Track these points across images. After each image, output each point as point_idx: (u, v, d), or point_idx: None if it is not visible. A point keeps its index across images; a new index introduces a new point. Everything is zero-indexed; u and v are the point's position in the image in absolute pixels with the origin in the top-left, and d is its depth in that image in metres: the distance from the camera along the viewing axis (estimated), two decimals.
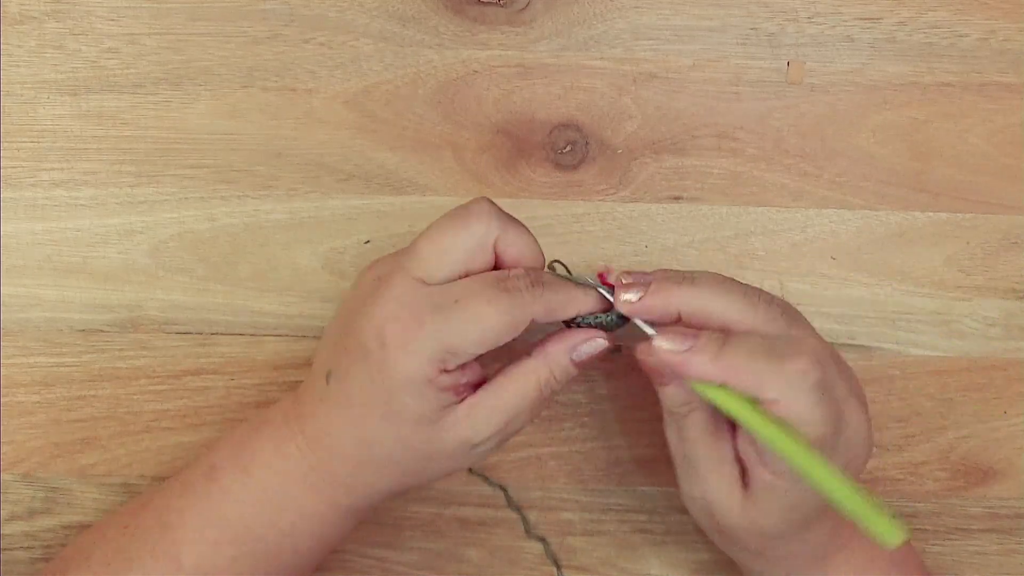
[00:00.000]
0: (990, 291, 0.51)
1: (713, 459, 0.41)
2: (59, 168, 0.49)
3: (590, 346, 0.41)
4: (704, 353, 0.39)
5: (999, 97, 0.51)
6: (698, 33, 0.50)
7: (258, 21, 0.49)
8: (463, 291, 0.39)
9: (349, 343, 0.40)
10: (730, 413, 0.39)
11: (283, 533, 0.42)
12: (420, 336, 0.38)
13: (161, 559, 0.41)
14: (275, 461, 0.42)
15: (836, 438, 0.39)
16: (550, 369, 0.41)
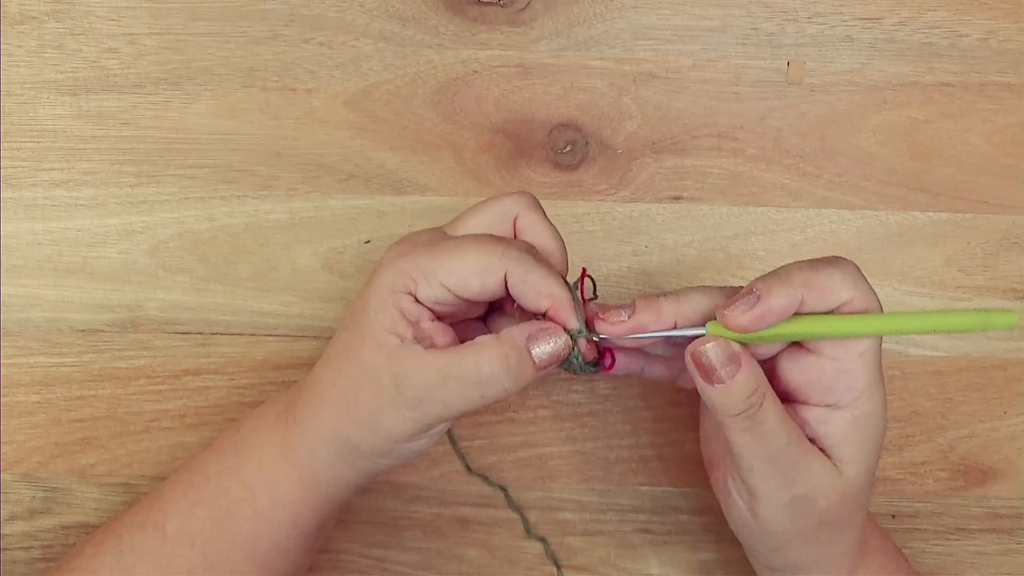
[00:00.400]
0: (990, 291, 0.51)
1: (801, 437, 0.40)
2: (59, 168, 0.49)
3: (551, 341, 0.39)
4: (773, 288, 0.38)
5: (999, 97, 0.51)
6: (698, 33, 0.50)
7: (258, 21, 0.49)
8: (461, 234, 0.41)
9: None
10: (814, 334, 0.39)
11: (243, 485, 0.42)
12: (404, 257, 0.40)
13: (149, 528, 0.42)
14: (261, 411, 0.43)
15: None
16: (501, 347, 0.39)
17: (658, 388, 0.50)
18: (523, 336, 0.39)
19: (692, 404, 0.51)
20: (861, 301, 0.39)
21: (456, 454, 0.50)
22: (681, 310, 0.40)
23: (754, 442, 0.39)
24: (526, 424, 0.50)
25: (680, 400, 0.51)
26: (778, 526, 0.41)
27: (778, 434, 0.39)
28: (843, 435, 0.40)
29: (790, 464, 0.39)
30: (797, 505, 0.40)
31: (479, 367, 0.39)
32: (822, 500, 0.40)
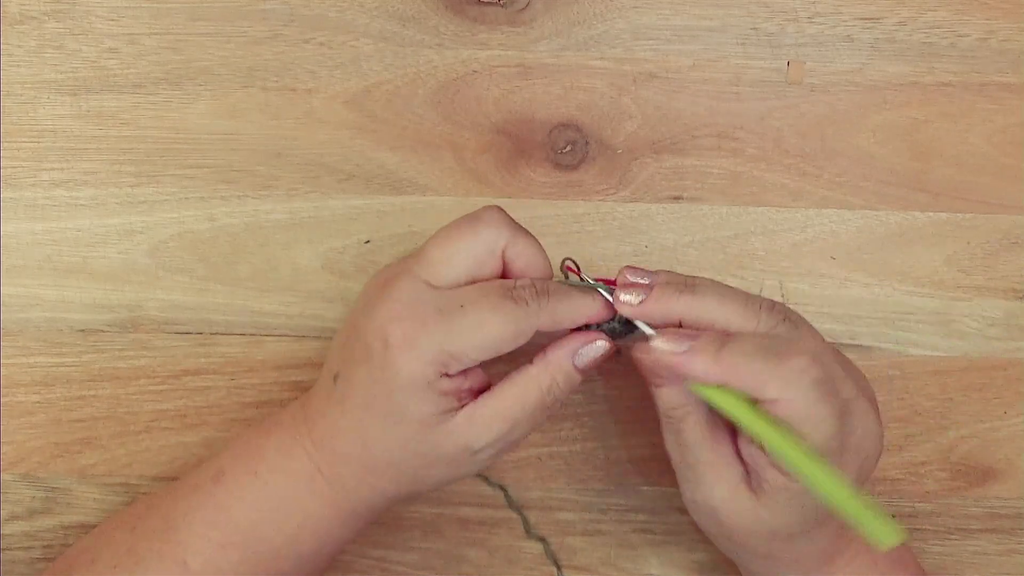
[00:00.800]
0: (990, 291, 0.51)
1: (714, 462, 0.41)
2: (59, 168, 0.49)
3: (592, 349, 0.41)
4: (703, 353, 0.39)
5: (999, 97, 0.51)
6: (698, 33, 0.50)
7: (258, 21, 0.49)
8: (469, 297, 0.40)
9: (355, 344, 0.41)
10: (729, 414, 0.39)
11: (287, 536, 0.42)
12: (422, 338, 0.39)
13: (167, 561, 0.41)
14: (282, 463, 0.42)
15: (843, 437, 0.39)
16: (552, 376, 0.41)
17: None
18: (569, 359, 0.41)
19: None
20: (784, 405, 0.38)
21: None
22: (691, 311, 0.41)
23: (672, 443, 0.42)
24: None
25: None
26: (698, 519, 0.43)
27: (693, 448, 0.41)
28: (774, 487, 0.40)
29: (697, 475, 0.41)
30: (703, 509, 0.42)
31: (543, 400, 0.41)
32: (726, 519, 0.41)
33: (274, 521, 0.42)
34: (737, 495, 0.41)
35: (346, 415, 0.41)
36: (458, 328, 0.39)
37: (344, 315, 0.50)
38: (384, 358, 0.39)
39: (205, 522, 0.42)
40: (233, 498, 0.42)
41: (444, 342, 0.38)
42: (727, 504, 0.41)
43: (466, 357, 0.39)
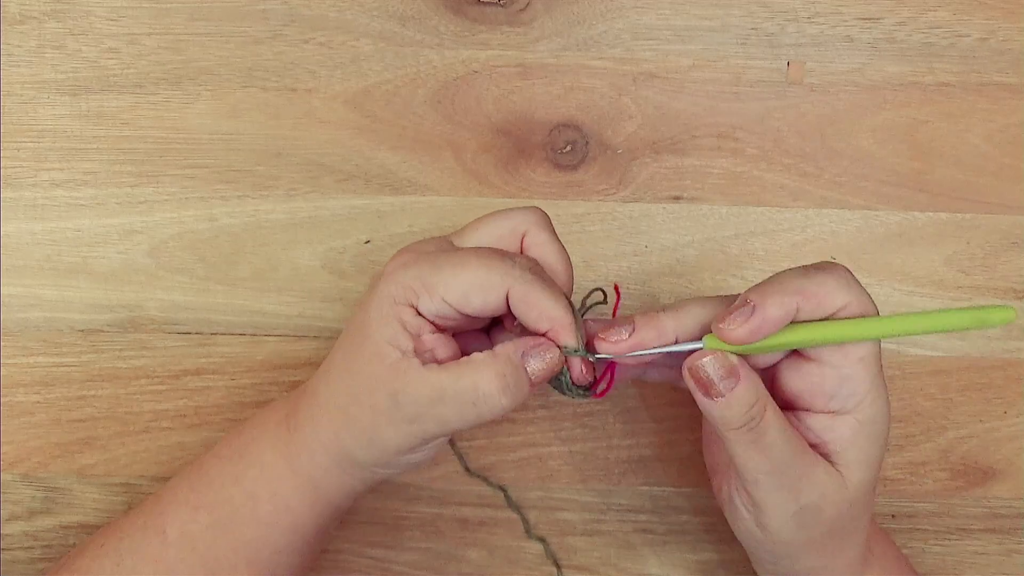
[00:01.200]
0: (990, 291, 0.51)
1: (805, 449, 0.39)
2: (59, 168, 0.49)
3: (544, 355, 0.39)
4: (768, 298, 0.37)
5: (999, 97, 0.51)
6: (698, 33, 0.50)
7: (258, 21, 0.49)
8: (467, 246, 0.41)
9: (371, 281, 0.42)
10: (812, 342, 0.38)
11: (245, 492, 0.41)
12: (410, 266, 0.39)
13: (149, 532, 0.42)
14: (262, 416, 0.43)
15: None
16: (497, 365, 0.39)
17: (657, 388, 0.50)
18: (518, 353, 0.39)
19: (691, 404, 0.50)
20: (856, 306, 0.38)
21: (455, 454, 0.50)
22: (681, 324, 0.39)
23: (757, 455, 0.38)
24: (526, 424, 0.50)
25: (679, 400, 0.51)
26: (786, 536, 0.40)
27: (781, 446, 0.38)
28: (848, 441, 0.39)
29: (795, 476, 0.39)
30: (804, 515, 0.40)
31: (476, 385, 0.38)
32: (829, 509, 0.40)
33: (236, 474, 0.42)
34: (830, 474, 0.39)
35: (328, 359, 0.42)
36: (442, 261, 0.39)
37: (344, 315, 0.50)
38: (375, 282, 0.40)
39: (187, 487, 0.42)
40: (213, 458, 0.43)
41: (422, 272, 0.39)
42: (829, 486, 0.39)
43: (435, 291, 0.38)
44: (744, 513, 0.41)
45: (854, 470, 0.40)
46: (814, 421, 0.40)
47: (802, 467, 0.39)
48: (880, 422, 0.40)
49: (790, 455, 0.38)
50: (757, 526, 0.41)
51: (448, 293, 0.39)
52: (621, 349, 0.39)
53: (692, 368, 0.38)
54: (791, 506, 0.39)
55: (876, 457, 0.40)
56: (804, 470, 0.39)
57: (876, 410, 0.39)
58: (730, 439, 0.38)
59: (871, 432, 0.40)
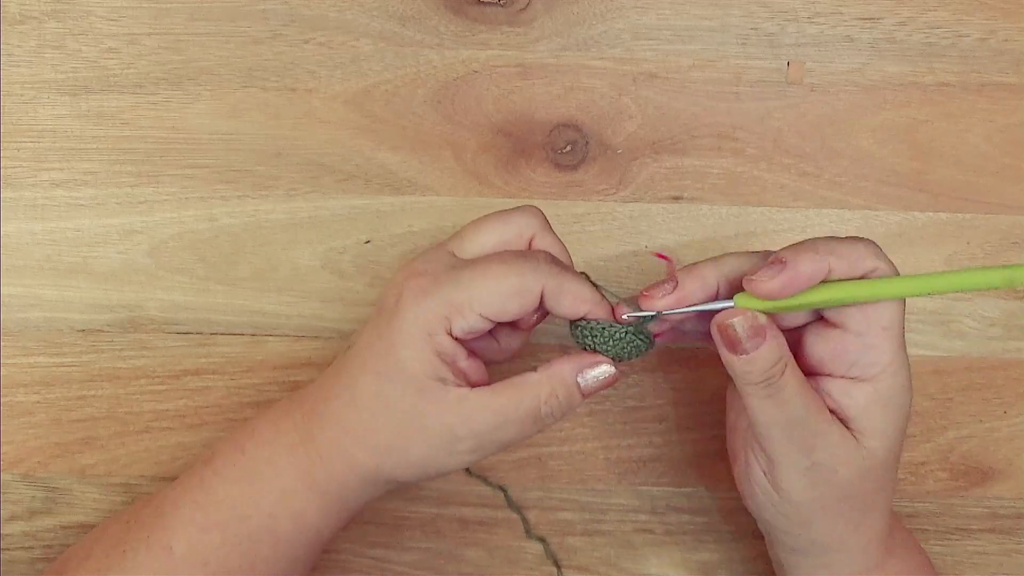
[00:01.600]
0: (990, 291, 0.51)
1: (821, 407, 0.40)
2: (59, 168, 0.49)
3: (598, 371, 0.41)
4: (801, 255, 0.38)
5: (999, 97, 0.51)
6: (698, 33, 0.50)
7: (258, 21, 0.49)
8: (483, 256, 0.41)
9: (375, 307, 0.41)
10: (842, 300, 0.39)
11: (264, 514, 0.41)
12: (432, 290, 0.39)
13: (155, 548, 0.41)
14: (269, 436, 0.42)
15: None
16: (553, 386, 0.40)
17: (658, 389, 0.50)
18: (573, 374, 0.40)
19: (691, 404, 0.51)
20: (885, 271, 0.39)
21: None
22: (722, 272, 0.40)
23: (773, 409, 0.39)
24: None
25: (680, 400, 0.51)
26: (798, 494, 0.41)
27: (796, 402, 0.39)
28: (864, 407, 0.40)
29: (808, 432, 0.40)
30: (816, 472, 0.40)
31: (538, 408, 0.40)
32: (841, 469, 0.40)
33: (252, 497, 0.41)
34: (845, 437, 0.40)
35: (343, 376, 0.41)
36: (466, 278, 0.39)
37: (344, 315, 0.50)
38: (394, 311, 0.39)
39: (191, 505, 0.42)
40: (219, 478, 0.42)
41: (450, 294, 0.39)
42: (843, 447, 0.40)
43: (469, 308, 0.38)
44: (759, 474, 0.42)
45: (869, 437, 0.40)
46: (834, 386, 0.40)
47: (815, 425, 0.40)
48: (899, 394, 0.40)
49: (804, 412, 0.39)
50: (771, 486, 0.41)
51: (484, 307, 0.39)
52: (668, 303, 0.40)
53: (721, 325, 0.39)
54: (803, 461, 0.40)
55: (893, 427, 0.41)
56: (817, 428, 0.40)
57: (896, 381, 0.40)
58: (749, 392, 0.39)
59: (889, 402, 0.40)
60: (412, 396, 0.39)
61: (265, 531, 0.41)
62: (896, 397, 0.40)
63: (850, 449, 0.40)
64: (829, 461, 0.40)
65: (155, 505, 0.43)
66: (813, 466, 0.40)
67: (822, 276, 0.38)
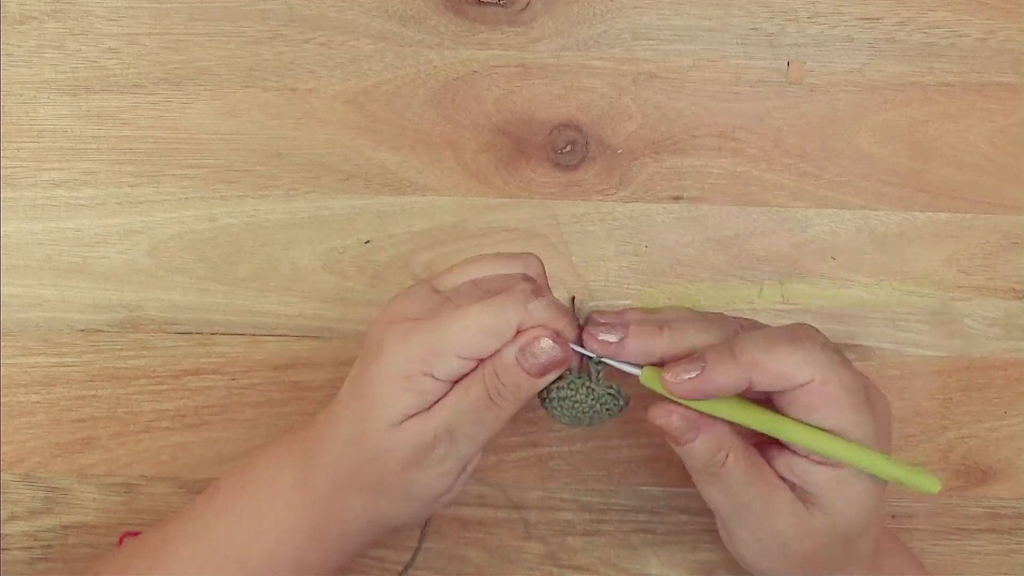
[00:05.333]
0: (990, 291, 0.51)
1: (767, 492, 0.40)
2: (59, 168, 0.49)
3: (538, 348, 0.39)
4: (722, 362, 0.37)
5: (999, 97, 0.51)
6: (698, 33, 0.50)
7: (258, 21, 0.49)
8: (459, 294, 0.40)
9: (362, 347, 0.41)
10: (746, 423, 0.39)
11: (263, 553, 0.41)
12: (413, 334, 0.39)
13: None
14: (268, 476, 0.42)
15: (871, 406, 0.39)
16: (494, 367, 0.39)
17: None
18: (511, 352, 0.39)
19: None
20: (819, 385, 0.37)
21: None
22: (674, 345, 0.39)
23: (717, 493, 0.40)
24: (526, 424, 0.50)
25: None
26: (753, 561, 0.42)
27: (740, 489, 0.39)
28: (825, 489, 0.39)
29: (753, 515, 0.40)
30: (769, 546, 0.41)
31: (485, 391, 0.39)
32: (794, 546, 0.40)
33: (250, 537, 0.41)
34: (797, 514, 0.40)
35: (332, 417, 0.41)
36: (442, 322, 0.39)
37: (344, 315, 0.50)
38: (376, 353, 0.39)
39: (192, 540, 0.41)
40: (219, 515, 0.42)
41: (428, 337, 0.38)
42: (793, 527, 0.40)
43: (446, 351, 0.38)
44: (723, 536, 0.43)
45: (828, 516, 0.40)
46: (795, 461, 0.40)
47: (763, 508, 0.40)
48: (864, 480, 0.39)
49: (750, 498, 0.39)
50: (733, 549, 0.42)
51: (462, 349, 0.38)
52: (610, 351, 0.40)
53: (655, 420, 0.39)
54: (753, 537, 0.41)
55: (857, 509, 0.40)
56: (766, 511, 0.40)
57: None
58: (693, 476, 0.40)
59: (851, 486, 0.39)
60: (385, 432, 0.39)
61: (264, 570, 0.41)
62: (860, 482, 0.39)
63: (803, 527, 0.40)
64: (777, 540, 0.40)
65: (162, 534, 0.43)
66: (762, 541, 0.40)
67: (740, 388, 0.38)
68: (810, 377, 0.37)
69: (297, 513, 0.41)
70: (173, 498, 0.50)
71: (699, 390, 0.38)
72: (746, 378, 0.37)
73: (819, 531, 0.40)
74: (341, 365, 0.50)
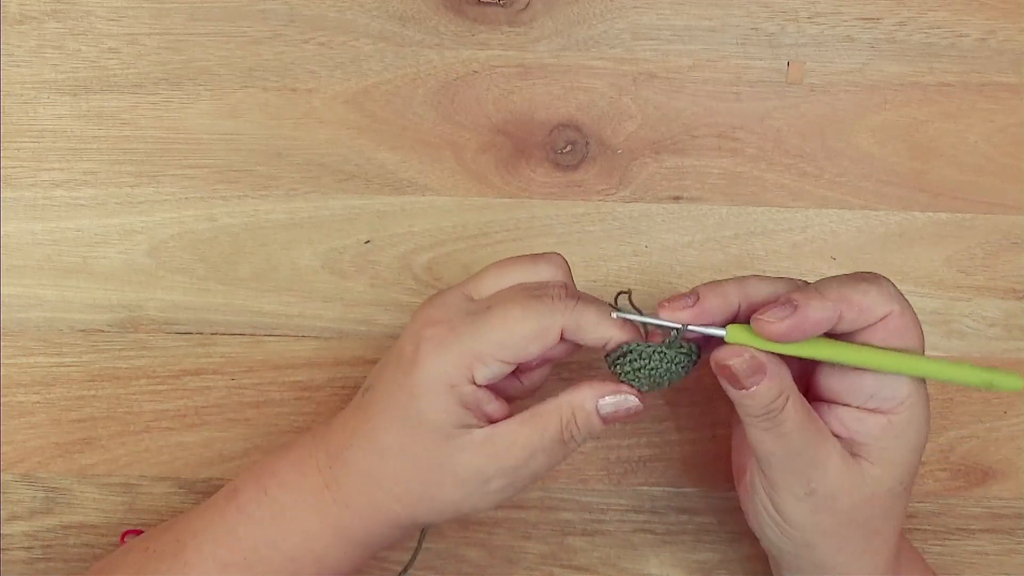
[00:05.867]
0: (990, 291, 0.51)
1: (821, 440, 0.39)
2: (59, 168, 0.49)
3: (618, 400, 0.40)
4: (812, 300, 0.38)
5: (999, 97, 0.51)
6: (698, 33, 0.50)
7: (258, 21, 0.49)
8: (497, 298, 0.40)
9: (392, 352, 0.41)
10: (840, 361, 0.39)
11: (286, 557, 0.41)
12: (451, 341, 0.38)
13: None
14: (292, 478, 0.42)
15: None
16: (573, 410, 0.40)
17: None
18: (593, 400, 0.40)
19: (692, 405, 0.51)
20: (899, 316, 0.38)
21: None
22: (746, 293, 0.40)
23: (771, 441, 0.39)
24: None
25: (679, 401, 0.51)
26: (798, 519, 0.41)
27: (796, 435, 0.39)
28: (877, 437, 0.40)
29: (807, 463, 0.39)
30: (815, 500, 0.40)
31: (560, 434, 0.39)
32: (842, 498, 0.40)
33: (274, 540, 0.41)
34: (848, 464, 0.40)
35: (365, 424, 0.41)
36: (484, 326, 0.38)
37: (344, 315, 0.50)
38: (413, 361, 0.39)
39: (212, 541, 0.41)
40: (241, 516, 0.41)
41: (470, 343, 0.38)
42: (843, 476, 0.40)
43: (490, 356, 0.38)
44: (762, 495, 0.42)
45: (878, 466, 0.40)
46: (847, 414, 0.40)
47: (816, 456, 0.39)
48: (915, 427, 0.40)
49: (803, 445, 0.39)
50: (773, 507, 0.41)
51: (504, 353, 0.38)
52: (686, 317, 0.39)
53: (720, 363, 0.39)
54: (802, 488, 0.40)
55: (904, 459, 0.40)
56: (818, 459, 0.39)
57: (913, 414, 0.40)
58: (748, 423, 0.39)
59: (903, 434, 0.40)
60: (439, 444, 0.39)
61: (288, 570, 0.41)
62: (911, 430, 0.40)
63: (853, 478, 0.40)
64: (828, 490, 0.40)
65: (176, 535, 0.42)
66: (812, 493, 0.40)
67: (831, 324, 0.38)
68: (889, 309, 0.38)
69: (323, 515, 0.41)
70: (173, 498, 0.50)
71: (798, 327, 0.38)
72: (836, 312, 0.38)
73: (867, 481, 0.40)
74: (341, 365, 0.50)
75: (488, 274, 0.41)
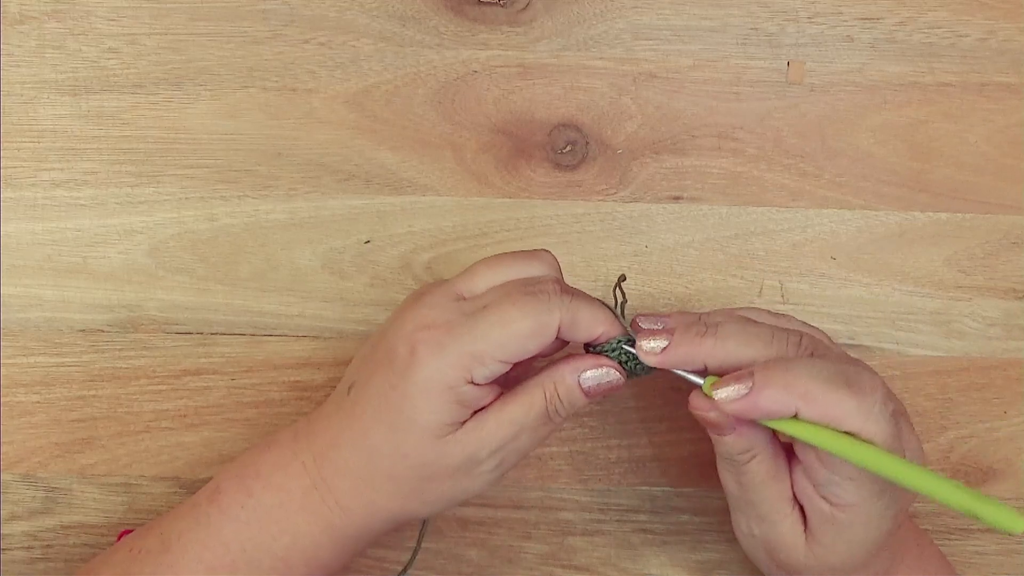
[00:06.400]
0: (990, 291, 0.51)
1: (778, 500, 0.40)
2: (59, 168, 0.49)
3: (599, 373, 0.40)
4: (769, 388, 0.37)
5: (999, 97, 0.51)
6: (698, 33, 0.50)
7: (258, 21, 0.49)
8: (491, 297, 0.40)
9: (379, 352, 0.40)
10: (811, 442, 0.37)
11: (276, 558, 0.41)
12: (449, 343, 0.38)
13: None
14: (277, 479, 0.41)
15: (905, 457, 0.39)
16: (555, 384, 0.40)
17: (656, 389, 0.50)
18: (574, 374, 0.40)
19: None
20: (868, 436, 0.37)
21: None
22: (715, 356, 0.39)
23: (732, 481, 0.41)
24: None
25: (679, 400, 0.50)
26: (750, 550, 0.43)
27: (754, 489, 0.40)
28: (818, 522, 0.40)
29: (757, 515, 0.41)
30: (760, 544, 0.42)
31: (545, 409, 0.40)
32: (781, 555, 0.41)
33: (263, 542, 0.41)
34: (795, 532, 0.40)
35: (354, 424, 0.40)
36: (481, 327, 0.38)
37: (344, 315, 0.50)
38: (408, 363, 0.38)
39: (197, 543, 0.41)
40: (226, 518, 0.41)
41: (468, 343, 0.38)
42: (787, 539, 0.40)
43: (489, 356, 0.38)
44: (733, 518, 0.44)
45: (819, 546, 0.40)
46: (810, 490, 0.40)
47: (768, 513, 0.41)
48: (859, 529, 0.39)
49: (759, 499, 0.41)
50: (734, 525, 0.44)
51: (504, 353, 0.38)
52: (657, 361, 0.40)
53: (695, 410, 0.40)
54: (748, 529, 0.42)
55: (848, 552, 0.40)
56: (770, 517, 0.41)
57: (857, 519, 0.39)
58: (717, 456, 0.41)
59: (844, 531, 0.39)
60: (431, 442, 0.39)
61: (277, 570, 0.41)
62: (856, 529, 0.39)
63: (796, 547, 0.41)
64: (773, 545, 0.41)
65: (160, 535, 0.42)
66: (757, 538, 0.42)
67: (785, 417, 0.37)
68: (857, 429, 0.37)
69: (313, 514, 0.41)
70: (173, 498, 0.50)
71: (744, 413, 0.38)
72: (793, 408, 0.37)
73: (810, 554, 0.41)
74: (341, 365, 0.50)
75: (479, 271, 0.41)
